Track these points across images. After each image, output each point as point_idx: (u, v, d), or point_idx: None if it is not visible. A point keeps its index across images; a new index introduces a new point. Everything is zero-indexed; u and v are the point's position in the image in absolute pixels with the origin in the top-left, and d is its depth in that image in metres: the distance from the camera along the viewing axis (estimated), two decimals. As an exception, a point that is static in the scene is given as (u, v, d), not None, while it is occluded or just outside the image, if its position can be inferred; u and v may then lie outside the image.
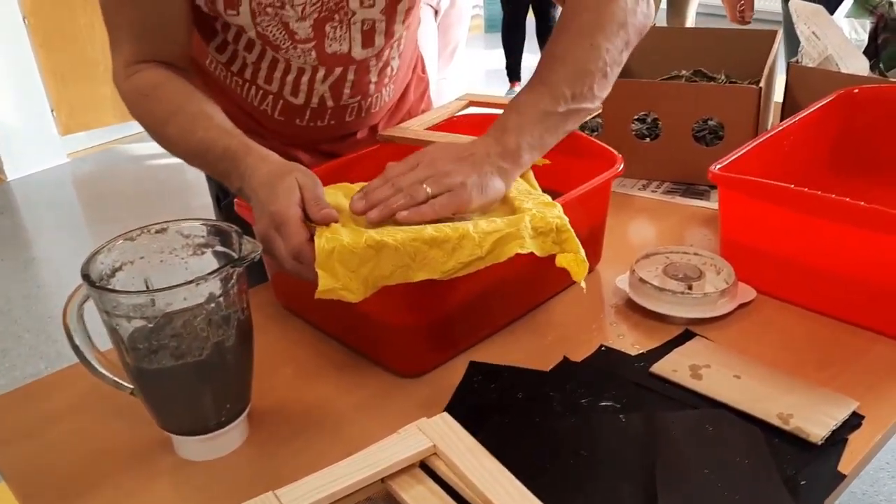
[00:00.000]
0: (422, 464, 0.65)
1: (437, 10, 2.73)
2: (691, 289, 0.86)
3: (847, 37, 1.20)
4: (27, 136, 3.72)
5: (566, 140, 1.00)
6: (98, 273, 0.66)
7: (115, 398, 0.75)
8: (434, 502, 0.61)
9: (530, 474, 0.62)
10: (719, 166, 0.89)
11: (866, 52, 1.29)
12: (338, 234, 0.70)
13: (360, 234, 0.70)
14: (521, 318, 0.88)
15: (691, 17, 3.57)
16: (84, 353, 0.69)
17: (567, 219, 0.74)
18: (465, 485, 0.61)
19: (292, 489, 0.60)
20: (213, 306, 0.64)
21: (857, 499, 1.70)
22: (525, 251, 0.71)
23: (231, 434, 0.71)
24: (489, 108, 1.12)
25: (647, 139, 1.21)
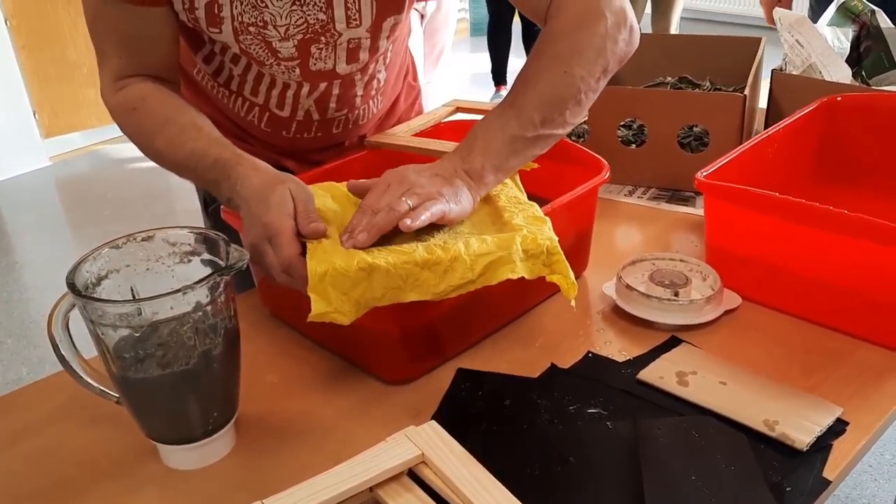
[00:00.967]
0: (410, 472, 0.65)
1: (423, 15, 2.74)
2: (677, 295, 0.87)
3: (830, 45, 1.21)
4: (9, 139, 3.69)
5: (554, 147, 1.00)
6: (83, 282, 0.66)
7: (100, 406, 0.74)
8: (422, 511, 0.61)
9: (519, 482, 0.62)
10: (705, 174, 0.89)
11: (849, 60, 1.30)
12: (329, 254, 0.70)
13: (352, 256, 0.70)
14: (508, 325, 0.88)
15: (675, 22, 3.60)
16: (70, 362, 0.68)
17: (557, 239, 0.75)
18: (454, 493, 0.61)
19: (280, 499, 0.60)
20: (200, 315, 0.64)
21: (841, 501, 1.71)
22: (516, 276, 0.72)
23: (218, 443, 0.71)
24: (476, 115, 1.12)
25: (633, 145, 1.22)
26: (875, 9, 1.34)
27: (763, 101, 1.28)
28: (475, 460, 0.63)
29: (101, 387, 0.70)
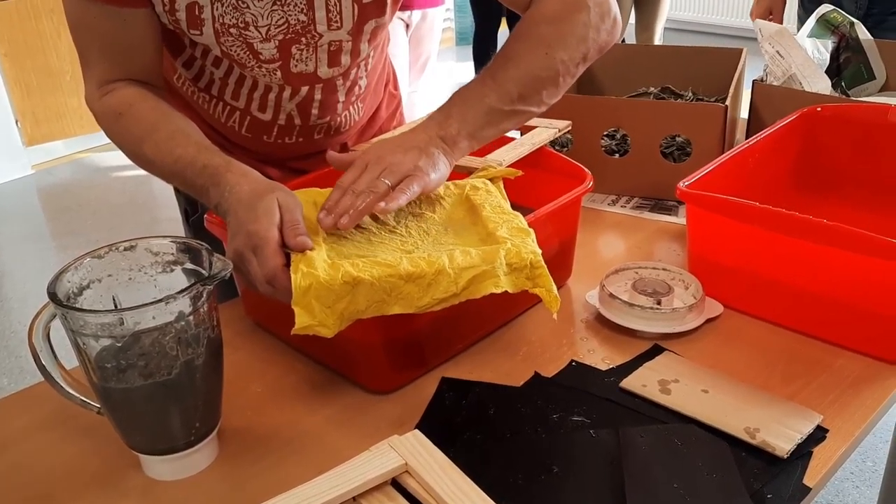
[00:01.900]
0: (393, 481, 0.65)
1: (408, 24, 2.74)
2: (660, 304, 0.87)
3: (810, 56, 1.22)
4: (-11, 148, 3.66)
5: (537, 156, 1.01)
6: (65, 291, 0.65)
7: (81, 417, 0.74)
8: (406, 521, 0.61)
9: (502, 491, 0.62)
10: (687, 183, 0.90)
11: (828, 71, 1.32)
12: (314, 266, 0.70)
13: (336, 269, 0.70)
14: (492, 334, 0.89)
15: (659, 33, 3.63)
16: (51, 373, 0.68)
17: (540, 252, 0.75)
18: (437, 502, 0.61)
19: (263, 509, 0.59)
20: (182, 325, 0.64)
21: (823, 508, 1.73)
22: (499, 290, 0.72)
23: (200, 453, 0.71)
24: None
25: (617, 155, 1.22)
26: (854, 21, 1.36)
27: (745, 112, 1.30)
28: (458, 469, 0.63)
29: (82, 397, 0.69)
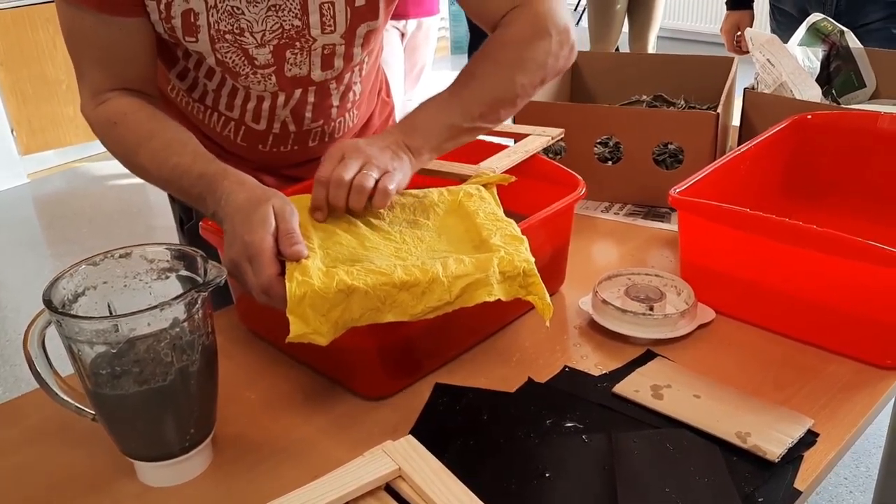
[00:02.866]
0: (387, 486, 0.65)
1: (403, 33, 2.75)
2: (652, 310, 0.88)
3: (801, 64, 1.24)
4: (-15, 157, 3.66)
5: (530, 164, 1.02)
6: (60, 298, 0.66)
7: (76, 425, 0.74)
8: (399, 525, 0.61)
9: (495, 496, 0.62)
10: (678, 190, 0.91)
11: (819, 79, 1.33)
12: (308, 274, 0.70)
13: (330, 277, 0.70)
14: (486, 340, 0.89)
15: (652, 42, 3.65)
16: (45, 380, 0.68)
17: (533, 260, 0.76)
18: (431, 507, 0.61)
19: (257, 515, 0.60)
20: (177, 331, 0.64)
21: (818, 514, 1.73)
22: (492, 298, 0.73)
23: (194, 460, 0.71)
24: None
25: (610, 162, 1.23)
26: (844, 29, 1.38)
27: (737, 119, 1.31)
28: (451, 475, 0.64)
29: (77, 404, 0.70)
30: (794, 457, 0.70)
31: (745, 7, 2.00)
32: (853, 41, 1.37)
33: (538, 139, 1.03)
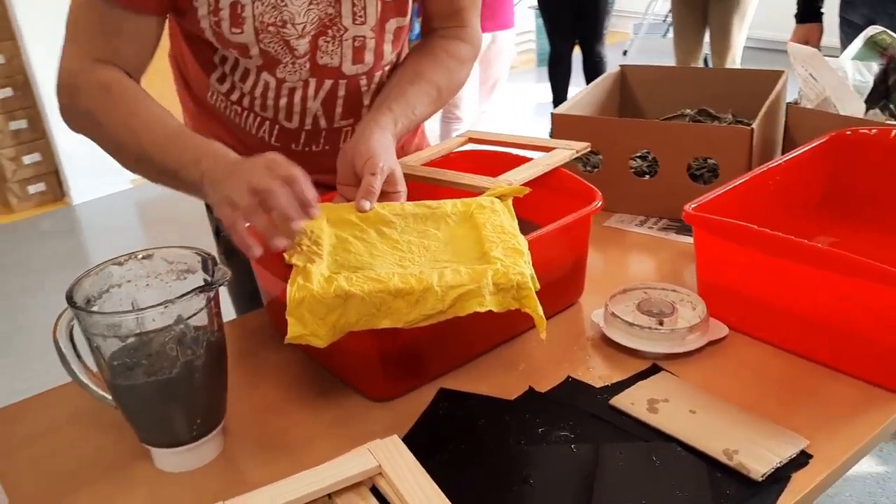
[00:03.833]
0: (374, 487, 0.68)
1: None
2: (662, 324, 0.88)
3: (848, 79, 1.20)
4: (92, 163, 3.87)
5: (552, 176, 1.04)
6: (85, 295, 0.72)
7: (101, 413, 0.81)
8: (371, 519, 0.64)
9: (475, 500, 0.64)
10: (693, 206, 0.91)
11: (875, 93, 1.28)
12: (310, 280, 0.75)
13: (329, 282, 0.75)
14: (495, 349, 0.91)
15: (739, 47, 3.47)
16: (72, 366, 0.75)
17: (528, 273, 0.78)
18: (403, 505, 0.64)
19: (241, 500, 0.64)
20: (181, 328, 0.69)
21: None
22: (484, 309, 0.76)
23: (204, 448, 0.76)
24: (487, 145, 1.16)
25: (647, 176, 1.23)
26: (904, 42, 1.32)
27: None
28: (428, 476, 0.66)
29: (99, 391, 0.76)
30: (780, 477, 0.69)
31: (815, 20, 1.94)
32: (915, 54, 1.31)
33: (562, 153, 1.04)
